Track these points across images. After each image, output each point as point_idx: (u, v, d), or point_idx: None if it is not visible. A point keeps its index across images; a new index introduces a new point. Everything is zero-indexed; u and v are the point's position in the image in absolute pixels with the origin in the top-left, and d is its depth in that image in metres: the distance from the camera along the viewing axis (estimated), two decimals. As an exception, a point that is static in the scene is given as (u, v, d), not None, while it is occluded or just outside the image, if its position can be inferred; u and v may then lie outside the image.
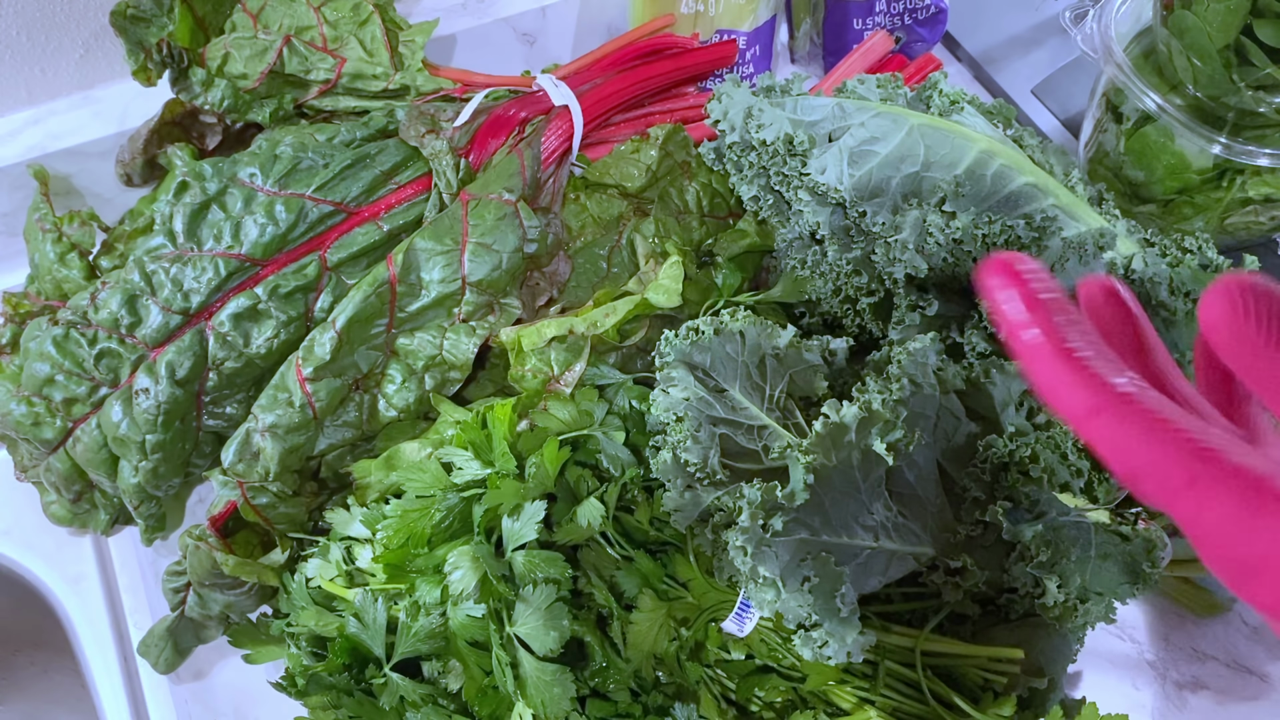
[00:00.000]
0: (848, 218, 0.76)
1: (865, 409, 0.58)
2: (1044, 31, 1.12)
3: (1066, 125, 1.04)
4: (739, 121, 0.79)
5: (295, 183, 0.74)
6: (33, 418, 0.72)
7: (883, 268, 0.74)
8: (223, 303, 0.71)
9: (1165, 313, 0.69)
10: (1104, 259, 0.69)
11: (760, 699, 0.63)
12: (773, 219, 0.81)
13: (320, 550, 0.70)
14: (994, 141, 0.75)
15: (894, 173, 0.73)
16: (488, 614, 0.62)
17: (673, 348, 0.66)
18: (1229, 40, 0.76)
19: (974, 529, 0.62)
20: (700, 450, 0.63)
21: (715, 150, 0.84)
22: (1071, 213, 0.72)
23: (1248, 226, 0.86)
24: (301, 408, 0.69)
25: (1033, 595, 0.61)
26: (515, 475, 0.66)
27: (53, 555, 0.81)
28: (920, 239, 0.71)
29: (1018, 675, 0.63)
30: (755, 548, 0.54)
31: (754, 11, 0.98)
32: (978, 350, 0.72)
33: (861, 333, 0.79)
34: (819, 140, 0.76)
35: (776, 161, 0.76)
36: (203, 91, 0.82)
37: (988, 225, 0.70)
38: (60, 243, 0.79)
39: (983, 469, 0.63)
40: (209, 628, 0.75)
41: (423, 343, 0.73)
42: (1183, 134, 0.79)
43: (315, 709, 0.65)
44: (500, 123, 0.81)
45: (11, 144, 0.90)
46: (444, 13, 1.00)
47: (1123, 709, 0.63)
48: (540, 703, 0.60)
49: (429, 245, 0.73)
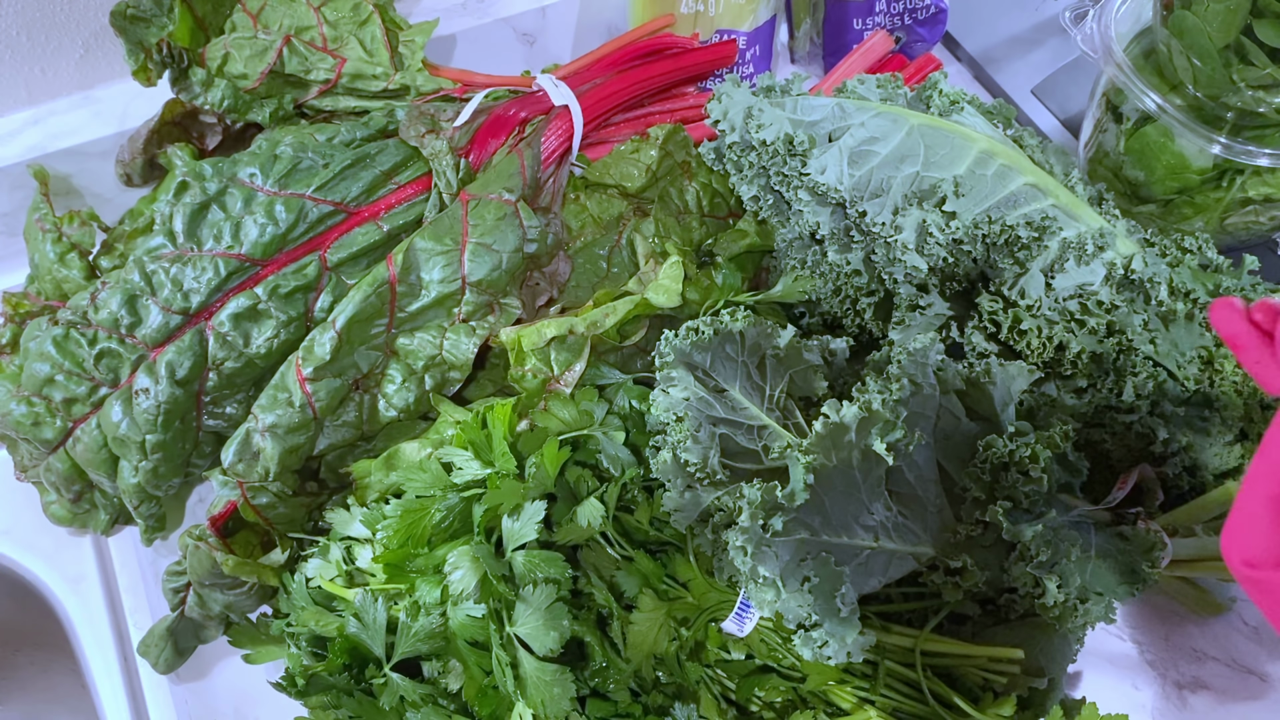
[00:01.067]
0: (847, 218, 0.76)
1: (865, 409, 0.58)
2: (1044, 31, 1.12)
3: (1066, 125, 1.04)
4: (739, 121, 0.79)
5: (295, 183, 0.74)
6: (33, 418, 0.72)
7: (883, 268, 0.74)
8: (223, 303, 0.71)
9: (1165, 312, 0.69)
10: (1104, 259, 0.69)
11: (760, 699, 0.63)
12: (773, 219, 0.81)
13: (320, 550, 0.70)
14: (994, 142, 0.75)
15: (894, 173, 0.73)
16: (488, 614, 0.62)
17: (673, 348, 0.66)
18: (1229, 40, 0.76)
19: (974, 529, 0.62)
20: (700, 450, 0.63)
21: (715, 150, 0.84)
22: (1071, 213, 0.72)
23: (1248, 226, 0.86)
24: (301, 408, 0.69)
25: (1033, 595, 0.61)
26: (515, 475, 0.66)
27: (53, 555, 0.81)
28: (920, 239, 0.71)
29: (1018, 675, 0.63)
30: (755, 548, 0.54)
31: (754, 11, 0.98)
32: (978, 350, 0.72)
33: (861, 333, 0.79)
34: (819, 140, 0.76)
35: (776, 161, 0.77)
36: (203, 91, 0.82)
37: (988, 225, 0.70)
38: (60, 243, 0.79)
39: (983, 469, 0.63)
40: (209, 628, 0.75)
41: (423, 343, 0.73)
42: (1183, 134, 0.79)
43: (315, 709, 0.65)
44: (500, 123, 0.81)
45: (11, 144, 0.90)
46: (444, 13, 1.00)
47: (1123, 709, 0.63)
48: (540, 703, 0.60)
49: (429, 245, 0.73)
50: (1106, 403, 0.70)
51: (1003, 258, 0.71)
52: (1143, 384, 0.68)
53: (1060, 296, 0.69)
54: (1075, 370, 0.70)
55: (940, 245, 0.70)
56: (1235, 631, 0.74)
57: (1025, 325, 0.70)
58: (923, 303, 0.73)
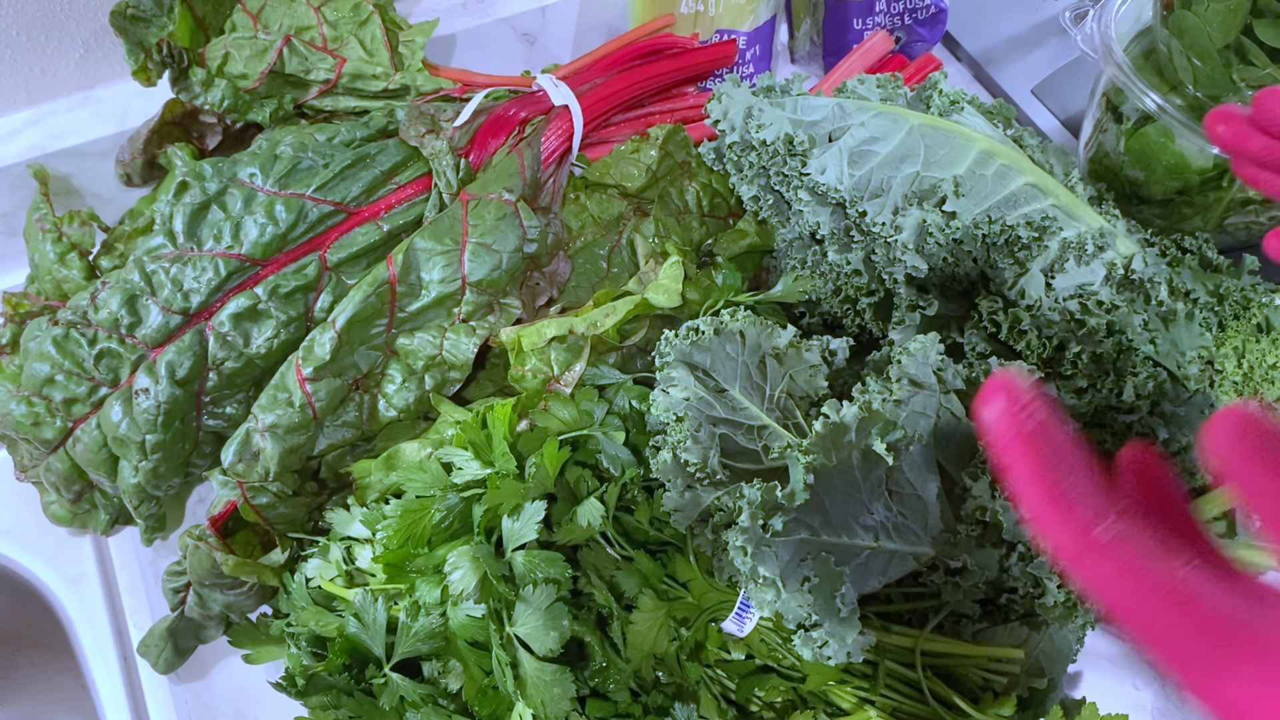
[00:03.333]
0: (848, 218, 0.76)
1: (865, 409, 0.58)
2: (1044, 31, 1.12)
3: (1066, 125, 1.04)
4: (739, 121, 0.79)
5: (295, 183, 0.74)
6: (33, 418, 0.72)
7: (883, 268, 0.74)
8: (223, 303, 0.71)
9: (1166, 312, 0.69)
10: (1104, 259, 0.69)
11: (760, 699, 0.63)
12: (773, 219, 0.81)
13: (320, 550, 0.70)
14: (994, 141, 0.75)
15: (894, 173, 0.73)
16: (488, 614, 0.62)
17: (673, 348, 0.66)
18: (1229, 40, 0.76)
19: (974, 529, 0.62)
20: (700, 450, 0.63)
21: (715, 150, 0.84)
22: (1071, 213, 0.72)
23: (1247, 226, 0.86)
24: (301, 408, 0.69)
25: (1033, 595, 0.61)
26: (515, 475, 0.66)
27: (53, 555, 0.81)
28: (920, 239, 0.71)
29: (1018, 675, 0.63)
30: (755, 548, 0.54)
31: (754, 11, 0.98)
32: (978, 350, 0.72)
33: (861, 333, 0.79)
34: (819, 140, 0.76)
35: (776, 161, 0.76)
36: (203, 91, 0.82)
37: (988, 225, 0.70)
38: (60, 243, 0.79)
39: (983, 469, 0.63)
40: (209, 628, 0.74)
41: (423, 343, 0.73)
42: (1183, 134, 0.79)
43: (315, 709, 0.65)
44: (500, 123, 0.81)
45: (11, 144, 0.90)
46: (444, 13, 1.00)
47: (1123, 709, 0.63)
48: (540, 703, 0.60)
49: (429, 245, 0.73)
50: (1107, 403, 0.70)
51: (1003, 258, 0.71)
52: (1143, 384, 0.68)
53: (1060, 297, 0.69)
54: (1075, 370, 0.70)
55: (940, 245, 0.70)
56: (1235, 631, 0.74)
57: (1025, 325, 0.70)
58: (923, 302, 0.73)
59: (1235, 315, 0.71)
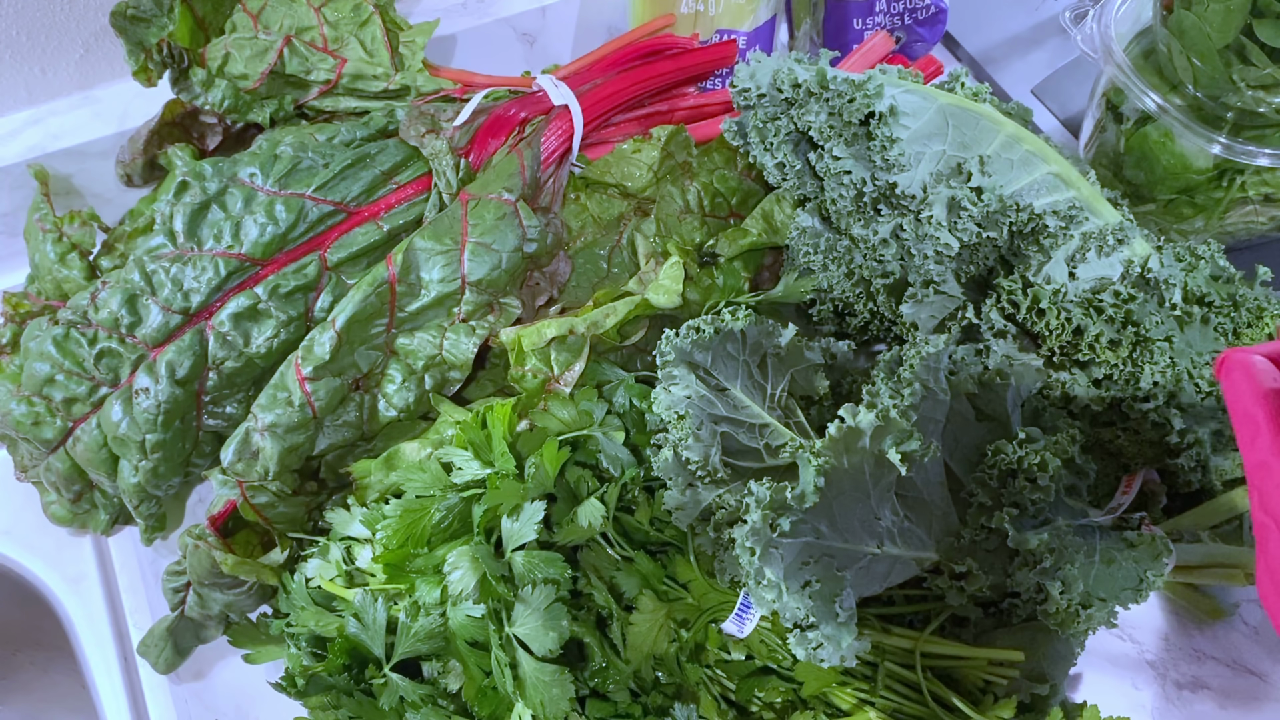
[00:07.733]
0: (876, 188, 0.74)
1: (882, 417, 0.57)
2: (1044, 31, 1.12)
3: (1066, 125, 1.04)
4: (766, 82, 0.77)
5: (295, 183, 0.74)
6: (33, 417, 0.72)
7: (911, 244, 0.73)
8: (223, 302, 0.71)
9: (1180, 315, 0.69)
10: (1121, 255, 0.69)
11: (760, 700, 0.63)
12: (798, 190, 0.80)
13: (320, 550, 0.70)
14: (1019, 128, 0.75)
15: (923, 149, 0.72)
16: (487, 614, 0.62)
17: (674, 346, 0.66)
18: (1229, 40, 0.76)
19: (979, 534, 0.62)
20: (701, 448, 0.63)
21: (738, 124, 0.82)
22: (1092, 206, 0.72)
23: (1248, 226, 0.86)
24: (301, 407, 0.69)
25: (1036, 600, 0.61)
26: (515, 475, 0.66)
27: (53, 555, 0.81)
28: (952, 216, 0.70)
29: (1018, 679, 0.62)
30: (763, 548, 0.54)
31: (754, 11, 0.98)
32: (995, 328, 0.71)
33: (874, 317, 0.79)
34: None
35: (810, 103, 0.74)
36: (203, 92, 0.82)
37: (1015, 212, 0.69)
38: (60, 243, 0.79)
39: (990, 474, 0.63)
40: (209, 627, 0.74)
41: (423, 343, 0.73)
42: (1183, 134, 0.79)
43: (315, 709, 0.65)
44: (500, 123, 0.81)
45: (11, 144, 0.90)
46: (444, 13, 1.00)
47: (1123, 709, 0.63)
48: (539, 703, 0.60)
49: (429, 245, 0.73)
50: (1124, 393, 0.69)
51: (1027, 244, 0.70)
52: (1162, 371, 0.68)
53: (1081, 287, 0.69)
54: (1093, 355, 0.69)
55: (973, 220, 0.69)
56: (1235, 632, 0.74)
57: (1044, 305, 0.69)
58: (937, 277, 0.72)
59: (1249, 324, 0.71)
